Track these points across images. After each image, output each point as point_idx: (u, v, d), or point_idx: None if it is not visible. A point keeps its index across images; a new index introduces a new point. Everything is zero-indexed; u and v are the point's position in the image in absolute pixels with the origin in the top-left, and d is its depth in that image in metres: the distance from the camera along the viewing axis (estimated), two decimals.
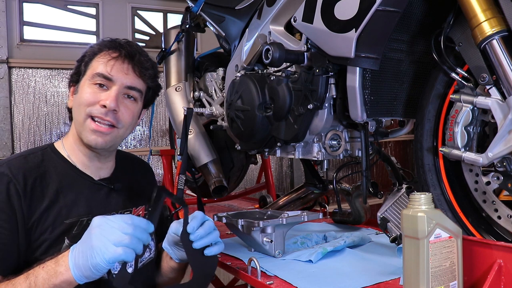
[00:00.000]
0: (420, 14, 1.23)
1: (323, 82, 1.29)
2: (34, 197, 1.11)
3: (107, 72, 1.18)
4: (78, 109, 1.19)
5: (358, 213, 1.79)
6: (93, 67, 1.21)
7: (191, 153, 1.91)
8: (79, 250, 0.97)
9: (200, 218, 1.15)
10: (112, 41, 1.25)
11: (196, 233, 1.12)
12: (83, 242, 0.98)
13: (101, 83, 1.18)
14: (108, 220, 0.98)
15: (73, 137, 1.24)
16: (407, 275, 0.91)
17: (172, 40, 2.14)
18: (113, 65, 1.20)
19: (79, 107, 1.19)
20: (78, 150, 1.23)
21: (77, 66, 1.25)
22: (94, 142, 1.18)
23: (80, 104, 1.18)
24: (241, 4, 1.75)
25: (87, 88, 1.19)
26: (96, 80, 1.18)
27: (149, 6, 3.89)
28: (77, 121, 1.20)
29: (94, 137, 1.18)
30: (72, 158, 1.23)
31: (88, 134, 1.18)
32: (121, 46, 1.23)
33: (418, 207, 0.90)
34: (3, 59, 3.23)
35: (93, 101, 1.17)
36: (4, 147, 3.22)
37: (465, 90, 1.08)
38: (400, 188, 1.36)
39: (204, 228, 1.14)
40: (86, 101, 1.17)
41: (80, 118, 1.18)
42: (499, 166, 1.05)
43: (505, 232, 1.08)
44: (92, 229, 0.98)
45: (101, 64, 1.20)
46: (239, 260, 1.42)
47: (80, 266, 0.96)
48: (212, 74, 2.01)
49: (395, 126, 1.57)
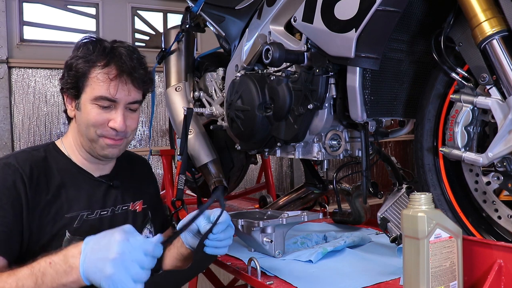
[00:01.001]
0: (420, 14, 1.23)
1: (323, 82, 1.29)
2: (39, 189, 1.15)
3: (111, 96, 1.19)
4: (87, 128, 1.21)
5: (358, 213, 1.79)
6: (92, 87, 1.18)
7: (191, 153, 1.91)
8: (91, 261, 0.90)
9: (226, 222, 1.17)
10: (107, 52, 1.20)
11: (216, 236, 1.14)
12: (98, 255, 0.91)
13: (105, 106, 1.19)
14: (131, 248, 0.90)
15: (74, 140, 1.27)
16: (407, 275, 0.91)
17: (172, 40, 2.14)
18: (116, 87, 1.19)
19: (88, 127, 1.20)
20: (78, 152, 1.27)
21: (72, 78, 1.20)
22: (110, 155, 1.24)
23: (88, 125, 1.20)
24: (241, 4, 1.75)
25: (91, 108, 1.19)
26: (99, 102, 1.19)
27: (149, 6, 3.89)
28: (87, 137, 1.22)
29: (109, 150, 1.23)
30: (72, 157, 1.27)
31: (101, 149, 1.23)
32: (116, 59, 1.20)
33: (418, 207, 0.90)
34: (3, 59, 3.23)
35: (101, 122, 1.20)
36: (4, 147, 3.22)
37: (465, 90, 1.08)
38: (400, 188, 1.36)
39: (225, 233, 1.16)
40: (95, 123, 1.20)
41: (91, 136, 1.21)
42: (499, 166, 1.05)
43: (505, 232, 1.08)
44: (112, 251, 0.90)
45: (102, 86, 1.18)
46: (239, 260, 1.42)
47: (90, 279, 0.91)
48: (212, 74, 2.01)
49: (395, 126, 1.57)
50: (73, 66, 1.20)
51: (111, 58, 1.20)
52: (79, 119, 1.23)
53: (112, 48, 1.21)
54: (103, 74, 1.18)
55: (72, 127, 1.28)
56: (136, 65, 1.22)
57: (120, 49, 1.22)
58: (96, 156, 1.25)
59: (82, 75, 1.19)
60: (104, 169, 1.31)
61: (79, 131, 1.24)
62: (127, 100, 1.22)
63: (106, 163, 1.31)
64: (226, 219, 1.16)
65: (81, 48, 1.22)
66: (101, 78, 1.18)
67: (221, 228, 1.14)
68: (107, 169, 1.32)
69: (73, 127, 1.27)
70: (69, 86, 1.21)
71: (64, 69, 1.24)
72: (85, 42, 1.23)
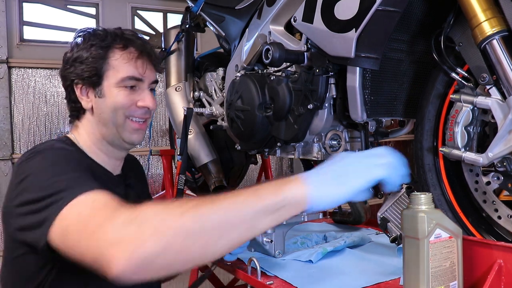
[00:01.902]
0: (420, 14, 1.23)
1: (323, 82, 1.29)
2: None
3: (140, 75, 1.20)
4: (114, 112, 1.19)
5: (358, 213, 1.79)
6: (116, 70, 1.18)
7: (191, 153, 1.91)
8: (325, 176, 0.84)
9: None
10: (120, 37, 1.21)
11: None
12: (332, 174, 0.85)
13: (131, 86, 1.20)
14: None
15: (90, 134, 1.22)
16: (407, 275, 0.91)
17: (172, 40, 2.14)
18: (143, 66, 1.21)
19: (115, 111, 1.19)
20: (98, 148, 1.23)
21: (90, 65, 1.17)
22: (137, 139, 1.25)
23: (116, 108, 1.19)
24: (241, 4, 1.74)
25: (117, 92, 1.19)
26: (126, 83, 1.19)
27: (149, 6, 3.89)
28: (113, 123, 1.20)
29: (136, 135, 1.24)
30: (92, 155, 1.23)
31: (129, 133, 1.22)
32: (131, 41, 1.21)
33: (418, 207, 0.90)
34: (3, 59, 3.23)
35: (130, 103, 1.20)
36: (4, 147, 3.22)
37: (465, 90, 1.08)
38: (400, 188, 1.36)
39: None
40: (124, 105, 1.19)
41: (119, 120, 1.20)
42: (499, 166, 1.05)
43: (505, 232, 1.08)
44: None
45: (127, 66, 1.18)
46: (239, 260, 1.42)
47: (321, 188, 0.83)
48: (212, 74, 2.01)
49: (395, 126, 1.57)
50: (84, 55, 1.18)
51: (126, 41, 1.21)
52: (102, 107, 1.19)
53: (122, 33, 1.23)
54: (127, 54, 1.19)
55: (86, 121, 1.23)
56: (149, 46, 1.26)
57: (128, 32, 1.24)
58: (119, 145, 1.23)
59: (101, 60, 1.17)
60: (118, 168, 1.30)
61: (101, 120, 1.20)
62: (151, 79, 1.24)
63: (122, 158, 1.29)
64: None
65: (88, 38, 1.20)
66: (125, 59, 1.19)
67: None
68: (119, 168, 1.31)
69: (88, 120, 1.22)
70: (87, 75, 1.18)
71: (68, 64, 1.21)
72: (89, 32, 1.21)
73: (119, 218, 0.79)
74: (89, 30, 1.22)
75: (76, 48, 1.20)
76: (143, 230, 0.75)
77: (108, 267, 0.75)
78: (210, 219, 0.78)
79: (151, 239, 0.75)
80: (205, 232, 0.77)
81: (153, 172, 3.60)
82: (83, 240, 0.81)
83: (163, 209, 0.79)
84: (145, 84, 1.23)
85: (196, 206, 0.79)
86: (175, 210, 0.78)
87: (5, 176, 3.29)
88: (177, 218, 0.77)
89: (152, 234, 0.75)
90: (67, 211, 0.87)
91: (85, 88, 1.20)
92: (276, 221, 0.82)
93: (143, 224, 0.76)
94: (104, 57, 1.17)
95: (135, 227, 0.76)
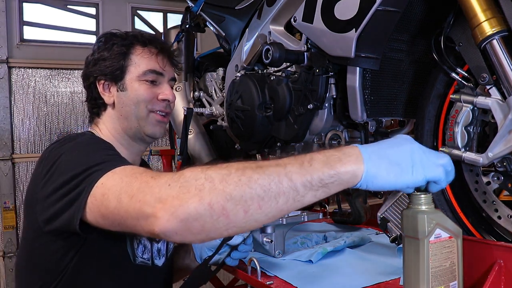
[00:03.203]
0: (420, 14, 1.23)
1: (323, 82, 1.29)
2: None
3: (161, 68, 1.25)
4: (137, 106, 1.24)
5: (358, 213, 1.79)
6: (138, 64, 1.23)
7: (191, 153, 1.91)
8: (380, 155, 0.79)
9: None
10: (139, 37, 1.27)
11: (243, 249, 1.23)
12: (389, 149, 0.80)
13: (153, 80, 1.24)
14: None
15: (113, 130, 1.26)
16: (407, 275, 0.91)
17: (172, 40, 2.14)
18: (164, 61, 1.26)
19: (138, 104, 1.23)
20: (119, 143, 1.25)
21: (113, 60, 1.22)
22: (159, 132, 1.29)
23: (139, 102, 1.23)
24: (241, 4, 1.75)
25: (139, 85, 1.23)
26: (148, 77, 1.24)
27: (149, 6, 3.89)
28: (136, 116, 1.24)
29: (158, 128, 1.28)
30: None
31: (151, 126, 1.26)
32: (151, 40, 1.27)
33: (418, 207, 0.90)
34: (3, 59, 3.23)
35: (152, 97, 1.24)
36: (4, 147, 3.22)
37: (465, 90, 1.07)
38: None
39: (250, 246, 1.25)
40: (146, 99, 1.23)
41: (142, 113, 1.24)
42: (499, 166, 1.05)
43: (505, 232, 1.07)
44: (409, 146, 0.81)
45: (148, 60, 1.24)
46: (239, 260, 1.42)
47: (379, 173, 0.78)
48: (212, 74, 2.01)
49: (395, 126, 1.57)
50: (106, 55, 1.23)
51: (146, 40, 1.26)
52: (125, 100, 1.23)
53: (141, 34, 1.28)
54: (147, 50, 1.25)
55: (107, 117, 1.26)
56: (167, 45, 1.31)
57: (145, 34, 1.30)
58: (141, 138, 1.27)
59: (123, 55, 1.23)
60: (137, 164, 1.31)
61: (123, 114, 1.24)
62: (170, 75, 1.29)
63: (141, 152, 1.34)
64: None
65: (109, 39, 1.25)
66: (146, 54, 1.24)
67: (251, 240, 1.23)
68: (138, 164, 1.31)
69: (109, 116, 1.26)
70: (110, 70, 1.23)
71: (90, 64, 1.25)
72: (110, 34, 1.27)
73: (163, 178, 0.79)
74: (110, 33, 1.28)
75: (97, 50, 1.26)
76: (187, 190, 0.75)
77: (152, 223, 0.76)
78: (254, 185, 0.75)
79: (193, 199, 0.74)
80: (249, 198, 0.75)
81: None
82: (126, 199, 0.81)
83: (207, 171, 0.78)
84: (165, 79, 1.27)
85: (241, 170, 0.77)
86: (218, 172, 0.77)
87: (5, 176, 3.29)
88: (219, 181, 0.75)
89: (195, 194, 0.74)
90: (105, 179, 0.88)
91: (107, 83, 1.25)
92: (325, 194, 0.78)
93: (187, 183, 0.76)
94: (126, 53, 1.23)
95: (178, 186, 0.76)
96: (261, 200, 0.74)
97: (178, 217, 0.74)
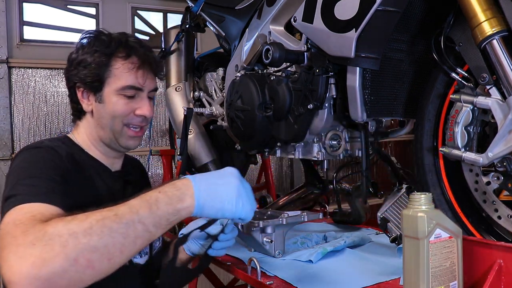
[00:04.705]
0: (420, 14, 1.23)
1: (323, 82, 1.29)
2: (72, 177, 1.13)
3: (140, 85, 1.23)
4: (112, 119, 1.23)
5: (358, 213, 1.79)
6: (117, 77, 1.21)
7: (191, 153, 1.91)
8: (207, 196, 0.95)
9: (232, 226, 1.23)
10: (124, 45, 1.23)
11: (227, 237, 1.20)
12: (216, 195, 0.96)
13: (130, 95, 1.23)
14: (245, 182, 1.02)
15: (89, 135, 1.26)
16: (407, 275, 0.91)
17: (172, 40, 2.14)
18: (143, 76, 1.24)
19: (114, 118, 1.23)
20: (95, 147, 1.27)
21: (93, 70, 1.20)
22: (133, 145, 1.29)
23: (115, 116, 1.22)
24: (241, 4, 1.74)
25: (117, 99, 1.22)
26: (126, 92, 1.22)
27: (149, 6, 3.88)
28: (111, 129, 1.23)
29: (132, 142, 1.27)
30: (89, 152, 1.27)
31: (125, 140, 1.26)
32: (135, 50, 1.24)
33: (418, 207, 0.90)
34: (3, 59, 3.23)
35: (129, 111, 1.24)
36: (4, 147, 3.22)
37: (465, 90, 1.08)
38: (400, 188, 1.36)
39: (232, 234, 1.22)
40: (122, 113, 1.23)
41: (117, 127, 1.24)
42: (499, 166, 1.05)
43: (505, 232, 1.08)
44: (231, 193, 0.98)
45: (128, 75, 1.21)
46: (239, 260, 1.42)
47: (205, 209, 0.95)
48: (212, 74, 2.01)
49: (395, 126, 1.57)
50: (88, 60, 1.21)
51: (130, 50, 1.23)
52: (102, 112, 1.23)
53: (126, 40, 1.25)
54: (128, 64, 1.22)
55: (86, 122, 1.27)
56: (153, 55, 1.29)
57: (131, 39, 1.27)
58: (115, 148, 1.27)
59: (103, 67, 1.20)
60: (117, 164, 1.33)
61: (100, 124, 1.24)
62: (150, 88, 1.28)
63: (120, 157, 1.33)
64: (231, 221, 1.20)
65: (92, 42, 1.23)
66: (127, 68, 1.22)
67: (230, 229, 1.20)
68: (119, 164, 1.34)
69: (87, 122, 1.26)
70: (89, 80, 1.21)
71: (72, 66, 1.23)
72: (95, 36, 1.24)
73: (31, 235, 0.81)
74: (95, 34, 1.25)
75: (81, 50, 1.23)
76: (51, 248, 0.78)
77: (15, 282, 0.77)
78: (115, 234, 0.83)
79: (58, 257, 0.78)
80: (111, 247, 0.83)
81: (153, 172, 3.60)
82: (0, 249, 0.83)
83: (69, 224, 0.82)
84: (144, 93, 1.26)
85: (101, 221, 0.83)
86: (81, 226, 0.82)
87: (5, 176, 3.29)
88: (83, 235, 0.81)
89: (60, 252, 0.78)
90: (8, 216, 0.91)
91: (86, 92, 1.24)
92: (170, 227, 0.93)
93: (51, 241, 0.79)
94: (107, 64, 1.21)
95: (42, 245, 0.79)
96: (122, 246, 0.84)
97: (40, 279, 0.76)
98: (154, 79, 1.29)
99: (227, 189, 0.96)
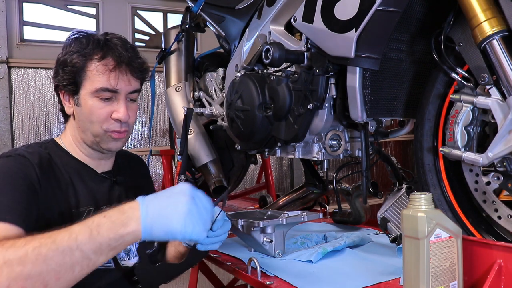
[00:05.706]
0: (420, 14, 1.23)
1: (323, 82, 1.29)
2: (49, 182, 1.14)
3: (113, 87, 1.19)
4: (91, 124, 1.21)
5: (358, 213, 1.79)
6: (92, 80, 1.18)
7: (191, 153, 1.91)
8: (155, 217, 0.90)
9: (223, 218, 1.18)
10: (101, 45, 1.20)
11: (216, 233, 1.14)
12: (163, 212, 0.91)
13: (106, 98, 1.19)
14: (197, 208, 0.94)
15: (73, 137, 1.26)
16: (407, 275, 0.91)
17: (172, 40, 2.14)
18: (116, 78, 1.19)
19: (92, 123, 1.20)
20: (79, 149, 1.26)
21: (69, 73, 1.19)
22: (115, 148, 1.25)
23: (93, 122, 1.20)
24: (241, 4, 1.74)
25: (92, 103, 1.19)
26: (101, 94, 1.19)
27: (149, 6, 3.89)
28: (91, 132, 1.22)
29: (114, 144, 1.24)
30: (74, 154, 1.26)
31: (107, 142, 1.23)
32: (112, 50, 1.20)
33: (418, 207, 0.90)
34: (3, 59, 3.23)
35: (105, 116, 1.20)
36: (4, 147, 3.22)
37: (465, 90, 1.08)
38: (400, 188, 1.36)
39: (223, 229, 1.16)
40: (99, 119, 1.20)
41: (97, 131, 1.21)
42: (499, 166, 1.05)
43: (505, 232, 1.08)
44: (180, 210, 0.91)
45: (101, 77, 1.18)
46: (239, 260, 1.42)
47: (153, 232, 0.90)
48: (212, 74, 2.00)
49: (395, 126, 1.57)
50: (67, 62, 1.19)
51: (107, 50, 1.20)
52: (80, 115, 1.22)
53: (106, 40, 1.22)
54: (102, 66, 1.18)
55: (70, 125, 1.27)
56: (132, 55, 1.23)
57: (114, 40, 1.23)
58: (99, 150, 1.25)
59: (79, 69, 1.18)
60: (106, 165, 1.31)
61: (80, 127, 1.23)
62: (127, 90, 1.22)
63: (107, 158, 1.31)
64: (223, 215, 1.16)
65: (73, 43, 1.21)
66: (100, 70, 1.18)
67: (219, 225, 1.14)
68: (109, 166, 1.32)
69: (71, 124, 1.26)
70: (66, 83, 1.20)
71: (57, 67, 1.22)
72: (76, 37, 1.22)
73: None
74: (76, 35, 1.23)
75: (64, 51, 1.22)
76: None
77: None
78: (50, 262, 0.83)
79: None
80: (46, 274, 0.83)
81: (153, 172, 3.60)
82: None
83: (5, 252, 0.83)
84: (121, 95, 1.21)
85: (37, 249, 0.83)
86: (16, 254, 0.82)
87: None
88: (17, 263, 0.81)
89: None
90: None
91: (66, 94, 1.23)
92: (115, 253, 0.90)
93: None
94: (82, 66, 1.18)
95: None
96: (58, 273, 0.83)
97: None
98: (133, 80, 1.23)
99: (176, 209, 0.90)
